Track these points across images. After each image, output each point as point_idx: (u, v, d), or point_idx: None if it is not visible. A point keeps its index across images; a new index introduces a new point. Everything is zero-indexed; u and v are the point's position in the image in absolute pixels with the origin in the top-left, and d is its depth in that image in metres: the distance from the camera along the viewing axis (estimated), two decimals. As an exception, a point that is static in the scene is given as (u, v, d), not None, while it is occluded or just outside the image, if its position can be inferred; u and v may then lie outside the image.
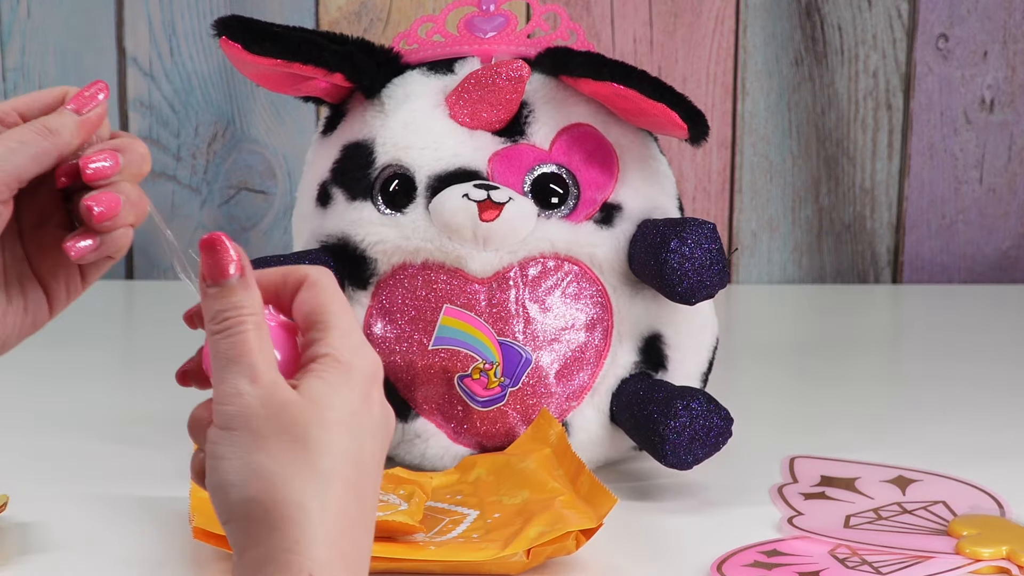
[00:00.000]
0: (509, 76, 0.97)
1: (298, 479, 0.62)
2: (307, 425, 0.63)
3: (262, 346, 0.64)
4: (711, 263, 0.93)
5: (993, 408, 1.15)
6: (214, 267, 0.64)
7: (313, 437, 0.63)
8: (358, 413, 0.64)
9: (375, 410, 0.65)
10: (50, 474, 0.99)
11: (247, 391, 0.63)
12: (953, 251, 1.57)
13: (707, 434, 0.92)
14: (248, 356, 0.63)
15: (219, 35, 0.95)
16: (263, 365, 0.63)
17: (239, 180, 1.53)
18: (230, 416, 0.63)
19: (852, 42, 1.51)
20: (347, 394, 0.64)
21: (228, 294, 0.64)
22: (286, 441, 0.62)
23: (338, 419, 0.63)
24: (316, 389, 0.63)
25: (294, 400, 0.63)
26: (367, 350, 0.66)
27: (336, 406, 0.63)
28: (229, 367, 0.63)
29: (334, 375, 0.64)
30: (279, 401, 0.63)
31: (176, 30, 1.50)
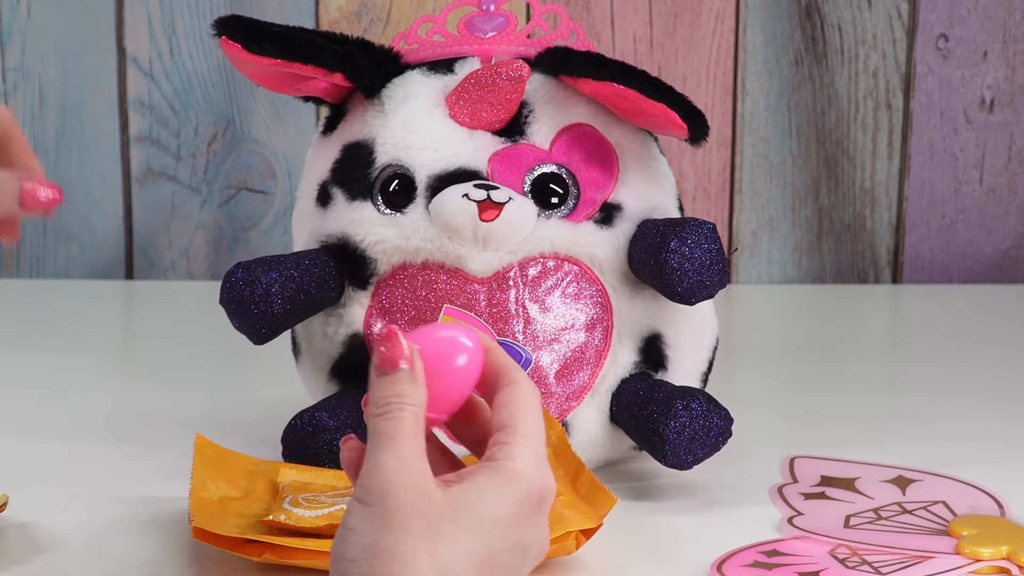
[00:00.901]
0: (509, 76, 0.97)
1: (415, 566, 0.62)
2: (441, 519, 0.63)
3: (416, 435, 0.65)
4: (711, 263, 0.93)
5: (993, 408, 1.15)
6: (386, 358, 0.67)
7: (445, 532, 0.63)
8: (504, 524, 0.64)
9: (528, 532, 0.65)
10: (50, 474, 0.99)
11: (391, 468, 0.64)
12: (953, 251, 1.57)
13: (707, 434, 0.92)
14: (400, 437, 0.64)
15: (219, 35, 0.95)
16: (413, 450, 0.64)
17: (239, 180, 1.53)
18: (369, 491, 0.64)
19: (852, 42, 1.51)
20: (497, 503, 0.65)
21: (394, 383, 0.66)
22: (414, 528, 0.63)
23: (475, 521, 0.64)
24: (464, 491, 0.65)
25: (436, 496, 0.64)
26: (546, 471, 0.66)
27: (478, 510, 0.64)
28: (380, 443, 0.65)
29: (493, 480, 0.65)
30: (422, 491, 0.64)
31: (176, 30, 1.50)
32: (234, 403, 1.14)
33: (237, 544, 0.84)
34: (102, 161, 1.52)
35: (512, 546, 0.65)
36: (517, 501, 0.65)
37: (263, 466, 0.93)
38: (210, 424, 1.04)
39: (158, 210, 1.53)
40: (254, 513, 0.88)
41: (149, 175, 1.53)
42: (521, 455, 0.66)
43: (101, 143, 1.52)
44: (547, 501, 0.66)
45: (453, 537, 0.63)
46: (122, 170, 1.53)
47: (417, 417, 0.65)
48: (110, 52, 1.50)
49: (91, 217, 1.53)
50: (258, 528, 0.86)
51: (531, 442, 0.66)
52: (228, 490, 0.90)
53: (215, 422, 1.07)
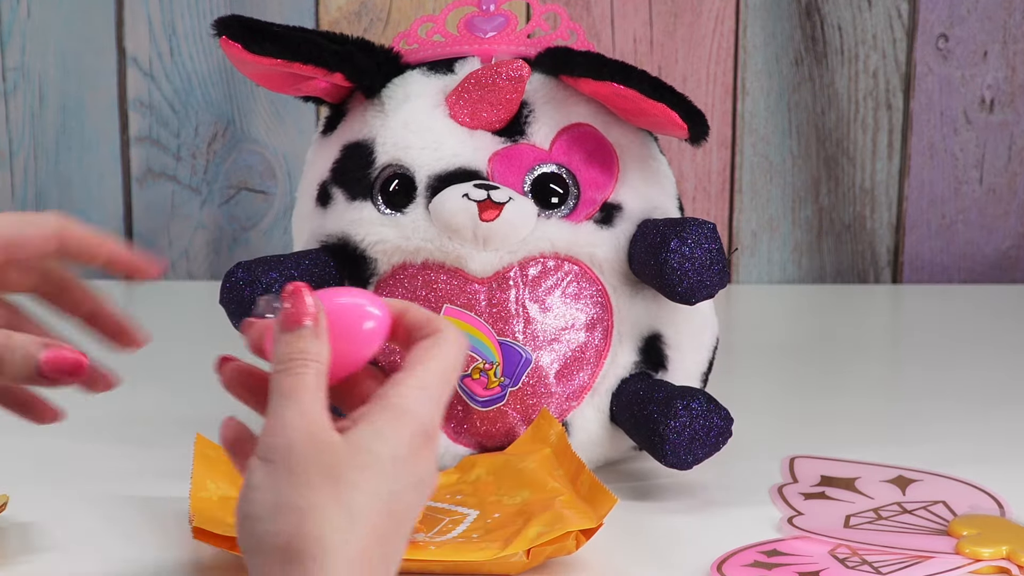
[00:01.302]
0: (509, 76, 0.97)
1: (323, 515, 0.63)
2: (343, 466, 0.64)
3: (318, 392, 0.66)
4: (711, 263, 0.93)
5: (993, 408, 1.15)
6: (291, 315, 0.67)
7: (348, 478, 0.64)
8: (403, 461, 0.65)
9: (421, 466, 0.66)
10: (50, 474, 0.99)
11: (293, 423, 0.64)
12: (953, 251, 1.57)
13: (707, 434, 0.92)
14: (303, 394, 0.65)
15: (219, 35, 0.95)
16: (314, 404, 0.65)
17: (239, 180, 1.53)
18: (272, 448, 0.64)
19: (852, 42, 1.51)
20: (394, 442, 0.65)
21: (298, 340, 0.67)
22: (318, 479, 0.63)
23: (375, 463, 0.64)
24: (362, 432, 0.65)
25: (337, 442, 0.64)
26: (436, 411, 0.67)
27: (376, 451, 0.65)
28: (282, 401, 0.65)
29: (384, 417, 0.65)
30: (321, 440, 0.64)
31: (176, 30, 1.50)
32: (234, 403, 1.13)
33: (237, 544, 0.84)
34: (102, 161, 1.52)
35: (409, 484, 0.65)
36: (409, 437, 0.66)
37: (263, 466, 0.93)
38: (210, 424, 1.04)
39: (158, 210, 1.53)
40: (254, 513, 0.88)
41: (149, 175, 1.53)
42: (410, 394, 0.66)
43: (101, 143, 1.52)
44: (434, 437, 0.67)
45: (356, 481, 0.64)
46: (122, 170, 1.53)
47: (319, 373, 0.66)
48: (110, 52, 1.50)
49: (91, 217, 1.53)
50: (258, 528, 0.85)
51: (422, 384, 0.67)
52: (228, 490, 0.90)
53: (215, 422, 1.06)
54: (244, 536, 0.64)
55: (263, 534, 0.63)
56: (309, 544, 0.62)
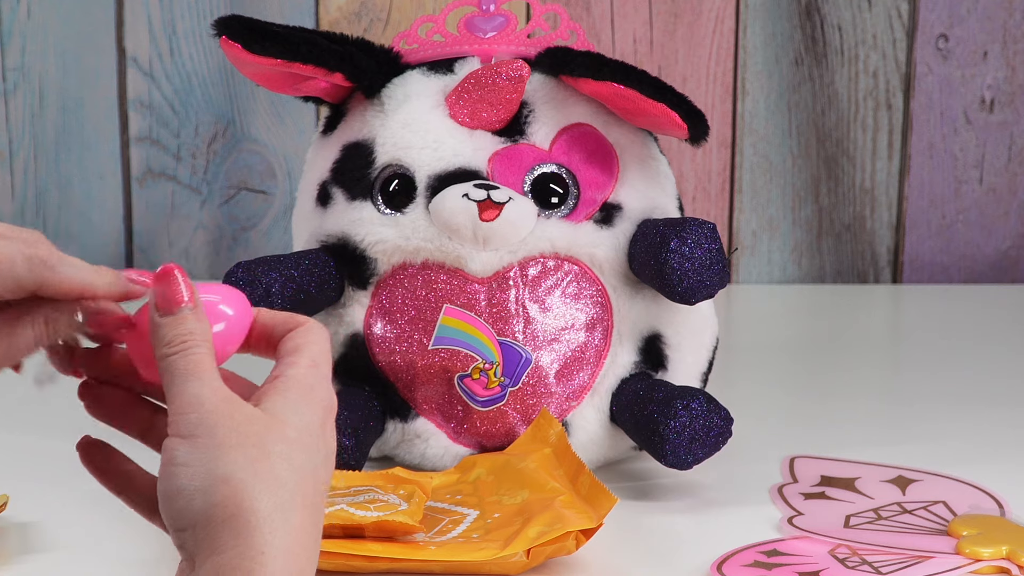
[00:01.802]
0: (509, 76, 0.97)
1: (263, 489, 0.63)
2: (270, 438, 0.64)
3: (215, 368, 0.66)
4: (711, 263, 0.93)
5: (993, 408, 1.15)
6: (168, 297, 0.68)
7: (276, 450, 0.64)
8: (317, 436, 0.66)
9: (328, 440, 0.67)
10: (50, 474, 0.99)
11: (209, 399, 0.64)
12: (953, 251, 1.57)
13: (707, 434, 0.92)
14: (204, 371, 0.65)
15: (219, 35, 0.95)
16: (219, 381, 0.65)
17: (239, 180, 1.53)
18: (193, 424, 0.64)
19: (852, 42, 1.51)
20: (308, 415, 0.66)
21: (182, 322, 0.67)
22: (250, 451, 0.64)
23: (298, 437, 0.65)
24: (278, 405, 0.65)
25: (257, 414, 0.65)
26: (329, 385, 0.68)
27: (296, 424, 0.65)
28: (188, 379, 0.65)
29: (295, 395, 0.66)
30: (243, 414, 0.64)
31: (176, 30, 1.50)
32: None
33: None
34: (102, 161, 1.52)
35: (324, 456, 0.66)
36: (321, 411, 0.66)
37: (263, 466, 0.93)
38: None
39: (158, 210, 1.53)
40: (254, 513, 0.88)
41: (149, 175, 1.53)
42: (307, 373, 0.67)
43: (101, 143, 1.52)
44: (333, 412, 0.67)
45: (286, 454, 0.64)
46: (122, 170, 1.53)
47: (210, 351, 0.66)
48: (110, 52, 1.50)
49: (91, 217, 1.53)
50: (258, 528, 0.85)
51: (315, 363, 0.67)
52: (228, 490, 0.90)
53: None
54: (178, 512, 0.64)
55: (203, 506, 0.63)
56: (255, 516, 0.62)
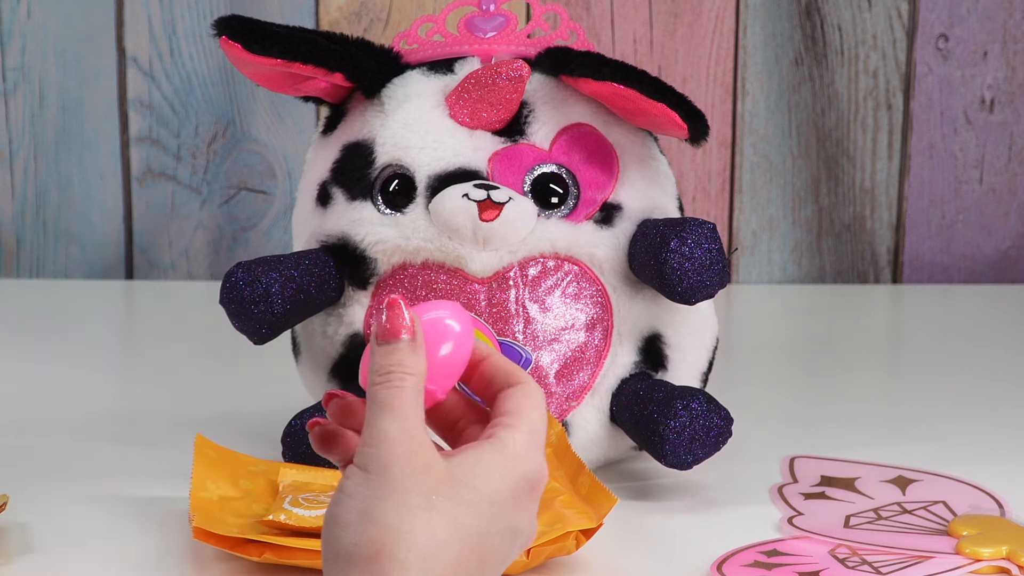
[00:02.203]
0: (509, 76, 0.97)
1: (412, 540, 0.62)
2: (440, 492, 0.63)
3: (417, 405, 0.65)
4: (711, 263, 0.93)
5: (993, 408, 1.15)
6: (389, 327, 0.66)
7: (441, 506, 0.63)
8: (500, 505, 0.65)
9: (521, 516, 0.65)
10: (50, 474, 0.99)
11: (395, 437, 0.64)
12: (953, 251, 1.57)
13: (707, 434, 0.92)
14: (402, 406, 0.64)
15: (219, 35, 0.95)
16: (415, 421, 0.64)
17: (239, 180, 1.53)
18: (371, 458, 0.64)
19: (852, 42, 1.51)
20: (497, 482, 0.65)
21: (395, 352, 0.66)
22: (413, 499, 0.63)
23: (474, 500, 0.64)
24: (468, 463, 0.65)
25: (438, 465, 0.64)
26: (543, 461, 0.66)
27: (478, 488, 0.64)
28: (383, 412, 0.64)
29: (493, 458, 0.65)
30: (423, 461, 0.64)
31: (176, 30, 1.50)
32: (234, 403, 1.14)
33: (237, 544, 0.84)
34: (102, 161, 1.52)
35: (504, 528, 0.65)
36: (513, 482, 0.65)
37: (263, 466, 0.93)
38: (210, 424, 1.04)
39: (158, 210, 1.53)
40: (254, 513, 0.88)
41: (149, 175, 1.53)
42: (522, 440, 0.66)
43: (101, 143, 1.52)
44: (539, 487, 0.66)
45: (450, 512, 0.63)
46: (122, 170, 1.53)
47: (417, 387, 0.65)
48: (110, 52, 1.50)
49: (91, 217, 1.53)
50: (258, 528, 0.86)
51: (533, 431, 0.66)
52: (228, 490, 0.90)
53: (215, 422, 1.07)
54: (328, 541, 0.64)
55: (348, 543, 0.63)
56: (391, 564, 0.62)
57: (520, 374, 0.69)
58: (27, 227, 1.54)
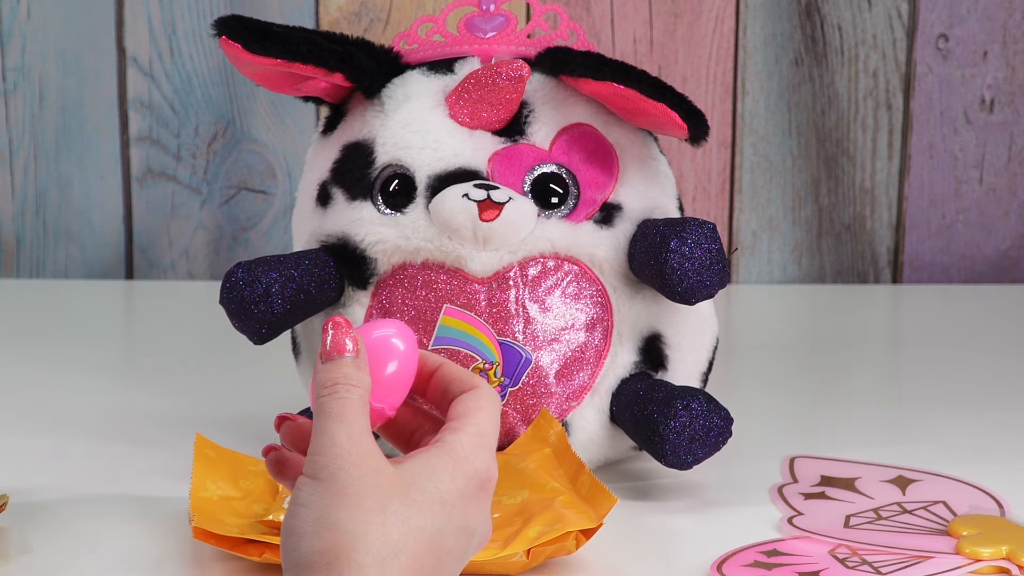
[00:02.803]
0: (509, 76, 0.97)
1: (367, 543, 0.63)
2: (391, 495, 0.64)
3: (363, 415, 0.66)
4: (711, 263, 0.93)
5: (993, 408, 1.15)
6: (333, 344, 0.68)
7: (393, 508, 0.64)
8: (452, 505, 0.66)
9: (473, 515, 0.67)
10: (50, 474, 0.99)
11: (342, 444, 0.65)
12: (953, 251, 1.57)
13: (707, 434, 0.92)
14: (349, 415, 0.66)
15: (219, 35, 0.95)
16: (362, 428, 0.66)
17: (239, 180, 1.53)
18: (320, 466, 0.65)
19: (852, 42, 1.51)
20: (447, 483, 0.66)
21: (340, 367, 0.67)
22: (366, 503, 0.64)
23: (424, 501, 0.65)
24: (417, 467, 0.66)
25: (387, 470, 0.65)
26: (492, 460, 0.68)
27: (427, 489, 0.65)
28: (330, 421, 0.66)
29: (442, 461, 0.66)
30: (372, 466, 0.65)
31: (176, 30, 1.50)
32: (234, 403, 1.14)
33: (237, 544, 0.84)
34: (102, 161, 1.52)
35: (458, 528, 0.66)
36: (463, 481, 0.66)
37: (263, 466, 0.93)
38: (210, 424, 1.04)
39: (158, 210, 1.53)
40: (254, 513, 0.88)
41: (149, 175, 1.53)
42: (468, 441, 0.67)
43: (101, 143, 1.52)
44: (489, 486, 0.68)
45: (403, 514, 0.64)
46: (122, 170, 1.53)
47: (363, 399, 0.67)
48: (110, 52, 1.50)
49: (91, 217, 1.53)
50: (258, 528, 0.86)
51: (479, 432, 0.68)
52: (228, 490, 0.90)
53: (215, 422, 1.07)
54: (287, 551, 0.65)
55: (306, 551, 0.64)
56: (349, 568, 0.63)
57: (473, 379, 0.70)
58: (27, 227, 1.54)
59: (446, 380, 0.71)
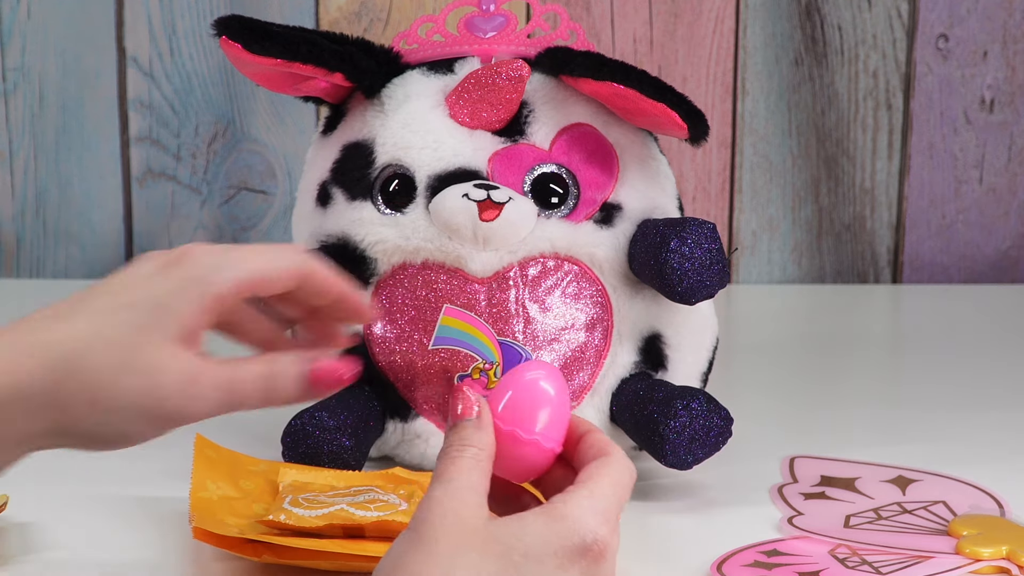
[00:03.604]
0: (509, 76, 0.97)
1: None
2: (470, 546, 0.64)
3: (472, 473, 0.67)
4: (711, 263, 0.93)
5: (993, 408, 1.15)
6: (455, 410, 0.70)
7: (466, 555, 0.64)
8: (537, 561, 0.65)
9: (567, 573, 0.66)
10: (50, 474, 0.99)
11: (437, 499, 0.66)
12: (953, 251, 1.57)
13: (707, 434, 0.92)
14: (455, 474, 0.67)
15: (219, 35, 0.95)
16: (466, 485, 0.66)
17: (239, 180, 1.53)
18: (418, 520, 0.66)
19: (852, 42, 1.51)
20: (533, 537, 0.65)
21: (459, 430, 0.69)
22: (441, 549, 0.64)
23: (503, 553, 0.65)
24: (506, 524, 0.66)
25: (475, 524, 0.65)
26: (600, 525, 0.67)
27: (510, 543, 0.65)
28: (435, 481, 0.67)
29: (537, 518, 0.66)
30: (460, 518, 0.65)
31: (176, 30, 1.50)
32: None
33: (237, 544, 0.84)
34: (102, 161, 1.52)
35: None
36: (557, 541, 0.66)
37: (263, 466, 0.93)
38: (210, 424, 1.04)
39: (158, 210, 1.53)
40: (254, 513, 0.88)
41: (149, 175, 1.53)
42: (578, 503, 0.67)
43: (101, 143, 1.52)
44: (593, 550, 0.66)
45: (475, 562, 0.64)
46: (122, 170, 1.53)
47: (476, 458, 0.68)
48: (110, 52, 1.50)
49: (91, 217, 1.53)
50: (258, 528, 0.86)
51: (592, 495, 0.67)
52: (228, 490, 0.90)
53: (215, 422, 1.06)
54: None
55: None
56: None
57: (609, 447, 0.70)
58: (27, 227, 1.54)
59: (587, 445, 0.70)
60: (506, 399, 0.70)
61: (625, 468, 0.69)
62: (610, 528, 0.67)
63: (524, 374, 0.71)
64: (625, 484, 0.69)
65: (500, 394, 0.71)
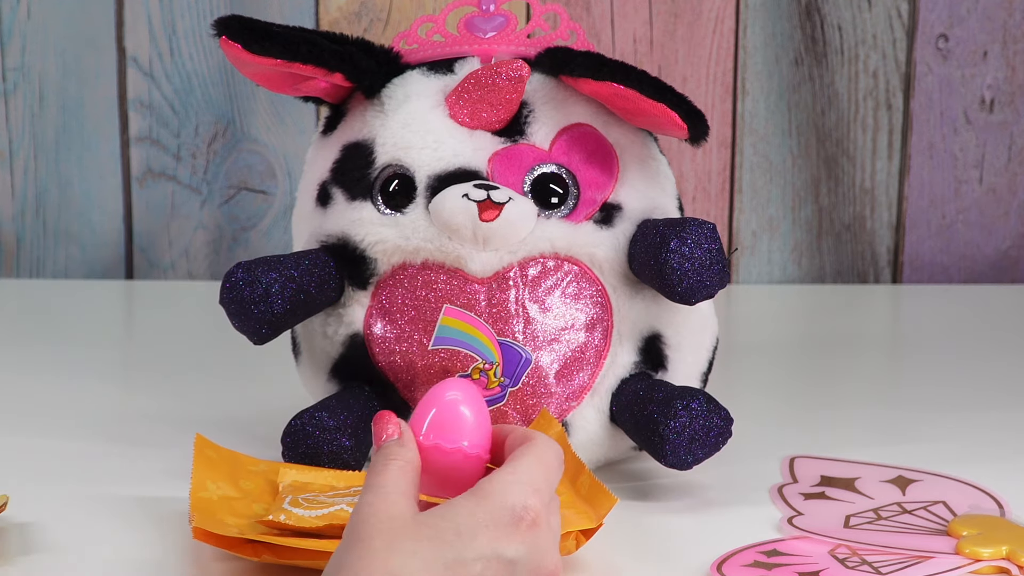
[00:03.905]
0: (509, 76, 0.97)
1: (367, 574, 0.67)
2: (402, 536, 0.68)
3: (400, 480, 0.71)
4: (711, 263, 0.93)
5: (993, 408, 1.15)
6: (377, 436, 0.75)
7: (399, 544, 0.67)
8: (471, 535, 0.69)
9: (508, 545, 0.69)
10: (50, 474, 0.99)
11: (370, 501, 0.69)
12: (953, 251, 1.57)
13: (707, 434, 0.92)
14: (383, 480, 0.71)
15: (219, 35, 0.95)
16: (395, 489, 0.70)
17: (239, 180, 1.53)
18: (350, 524, 0.69)
19: (852, 42, 1.51)
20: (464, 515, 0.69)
21: (384, 448, 0.74)
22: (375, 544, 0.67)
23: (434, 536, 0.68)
24: (434, 511, 0.70)
25: (404, 517, 0.69)
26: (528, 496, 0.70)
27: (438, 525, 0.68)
28: (366, 489, 0.71)
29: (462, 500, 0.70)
30: (390, 514, 0.69)
31: (176, 30, 1.50)
32: (234, 403, 1.14)
33: (237, 544, 0.84)
34: (102, 161, 1.52)
35: (485, 557, 0.68)
36: (486, 513, 0.69)
37: (263, 466, 0.93)
38: (210, 424, 1.04)
39: (158, 210, 1.53)
40: (254, 513, 0.88)
41: (149, 175, 1.53)
42: (501, 479, 0.70)
43: (101, 143, 1.52)
44: (526, 518, 0.70)
45: (409, 548, 0.67)
46: (122, 170, 1.53)
47: (402, 468, 0.72)
48: (110, 52, 1.50)
49: (91, 217, 1.53)
50: (258, 528, 0.86)
51: (513, 471, 0.71)
52: (228, 490, 0.90)
53: (215, 422, 1.07)
54: None
55: None
56: None
57: (531, 435, 0.74)
58: (27, 227, 1.54)
59: (512, 442, 0.75)
60: (429, 418, 0.76)
61: (547, 446, 0.73)
62: (540, 499, 0.70)
63: (444, 393, 0.77)
64: (548, 459, 0.72)
65: (423, 415, 0.76)
